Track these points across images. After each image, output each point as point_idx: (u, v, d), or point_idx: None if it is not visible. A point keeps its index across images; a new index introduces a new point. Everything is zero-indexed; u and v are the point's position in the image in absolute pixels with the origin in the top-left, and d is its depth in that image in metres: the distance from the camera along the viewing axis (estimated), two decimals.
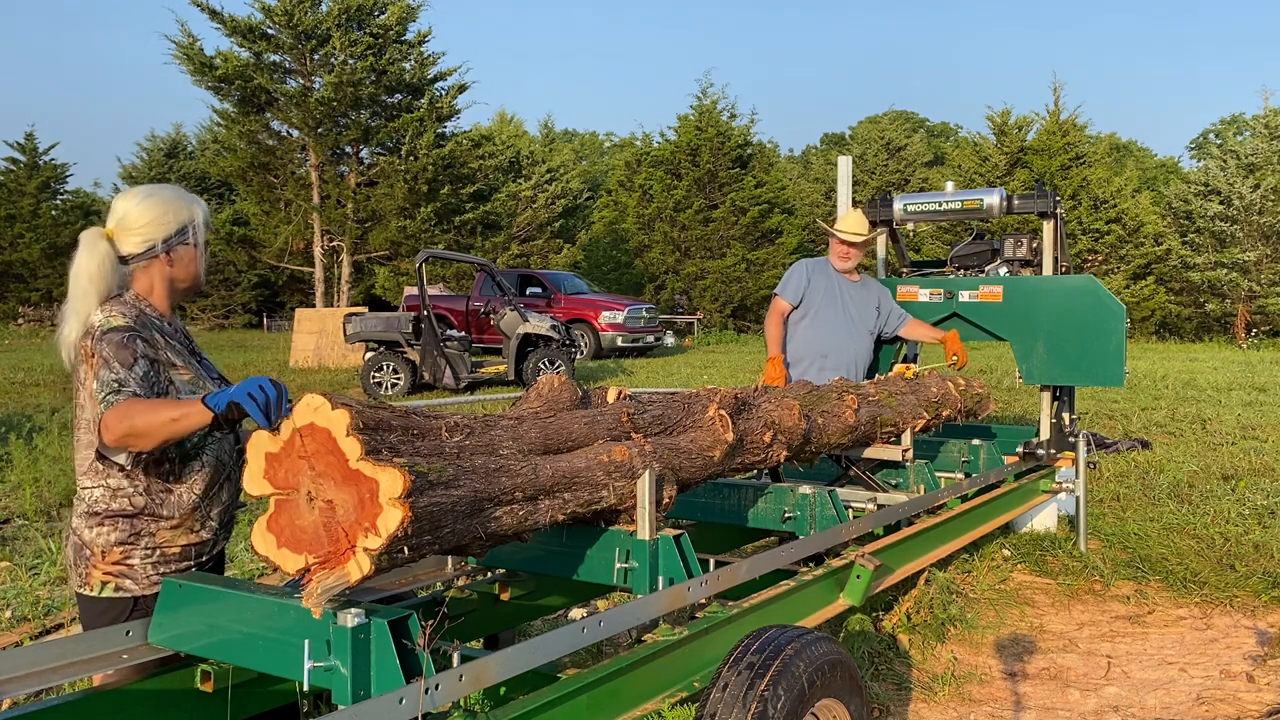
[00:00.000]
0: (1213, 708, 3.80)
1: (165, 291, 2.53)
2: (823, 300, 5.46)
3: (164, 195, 2.52)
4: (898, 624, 4.44)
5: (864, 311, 5.53)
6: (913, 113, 70.75)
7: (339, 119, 23.56)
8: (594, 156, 65.83)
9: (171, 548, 2.48)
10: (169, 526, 2.46)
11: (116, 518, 2.42)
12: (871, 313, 5.56)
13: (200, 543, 2.54)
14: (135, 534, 2.43)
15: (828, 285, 5.48)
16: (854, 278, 5.57)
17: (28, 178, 37.59)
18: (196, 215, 2.55)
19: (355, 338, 14.29)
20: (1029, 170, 30.74)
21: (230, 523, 2.67)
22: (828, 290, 5.47)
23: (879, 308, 5.58)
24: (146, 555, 2.44)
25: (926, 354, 6.74)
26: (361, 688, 2.04)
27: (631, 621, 2.63)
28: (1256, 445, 8.92)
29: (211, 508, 2.55)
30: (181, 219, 2.51)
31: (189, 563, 2.52)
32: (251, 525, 2.12)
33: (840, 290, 5.49)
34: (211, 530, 2.57)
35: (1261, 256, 28.78)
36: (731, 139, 32.79)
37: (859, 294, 5.54)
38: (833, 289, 5.48)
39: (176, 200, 2.53)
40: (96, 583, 2.43)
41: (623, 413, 2.92)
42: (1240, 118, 53.25)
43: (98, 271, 2.41)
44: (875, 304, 5.56)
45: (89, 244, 2.42)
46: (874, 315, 5.57)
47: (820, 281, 5.48)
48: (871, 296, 5.58)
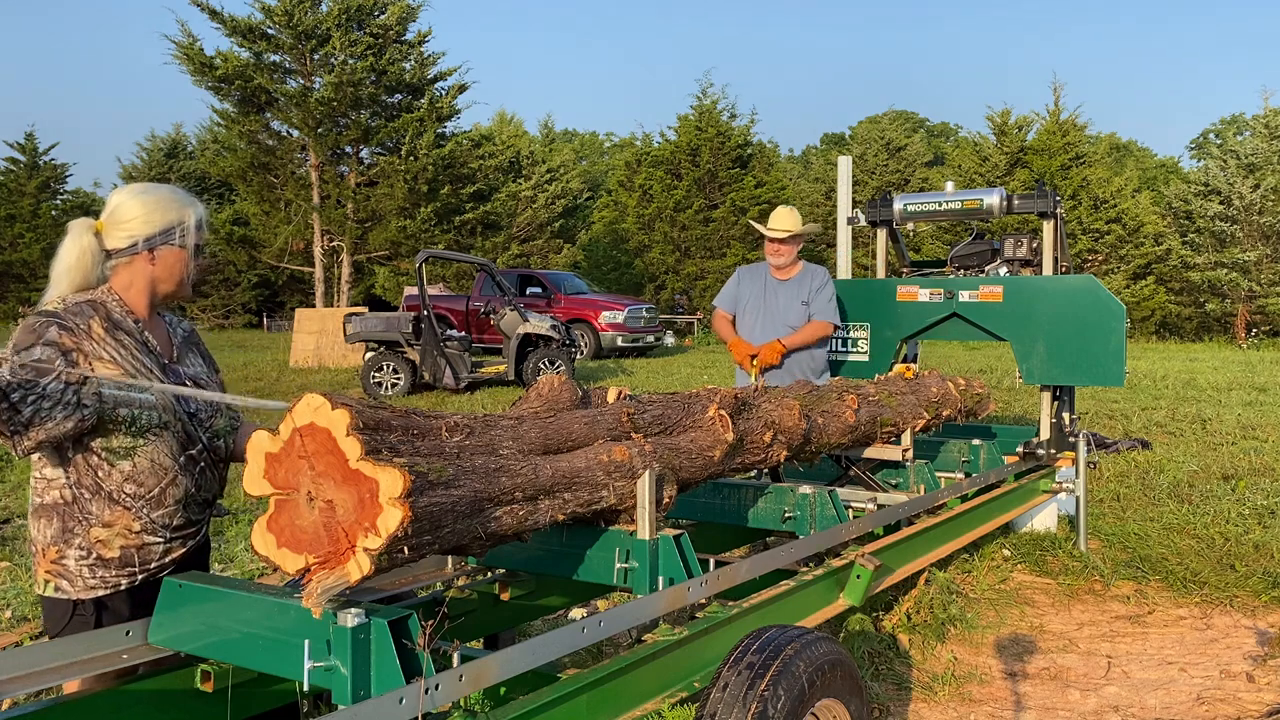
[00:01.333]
0: (1213, 708, 3.80)
1: (144, 291, 2.45)
2: (749, 303, 5.47)
3: (159, 194, 2.47)
4: (898, 624, 4.44)
5: (789, 307, 5.41)
6: (913, 113, 70.81)
7: (339, 119, 23.56)
8: (594, 156, 65.84)
9: (108, 550, 2.37)
10: (100, 525, 2.36)
11: (51, 512, 2.37)
12: (797, 307, 5.42)
13: (142, 546, 2.41)
14: (67, 530, 2.35)
15: (757, 288, 5.48)
16: (790, 273, 5.46)
17: (28, 178, 37.61)
18: (188, 218, 2.47)
19: (355, 338, 14.29)
20: (1029, 170, 30.75)
21: (194, 528, 2.54)
22: (755, 293, 5.47)
23: (808, 300, 5.41)
24: (81, 556, 2.36)
25: (927, 354, 6.75)
26: (361, 688, 2.04)
27: (631, 621, 2.63)
28: (1256, 445, 8.92)
29: (153, 509, 2.41)
30: (170, 219, 2.44)
31: (131, 569, 2.40)
32: (252, 525, 2.11)
33: (768, 290, 5.45)
34: (160, 535, 2.44)
35: (1261, 256, 28.78)
36: (731, 139, 32.80)
37: (789, 290, 5.43)
38: (760, 291, 5.46)
39: (170, 200, 2.47)
40: (41, 580, 2.41)
41: (623, 413, 2.92)
42: (1240, 118, 53.25)
43: (75, 263, 2.37)
44: (805, 297, 5.41)
45: (74, 234, 2.39)
46: (800, 309, 5.41)
47: (751, 285, 5.50)
48: (802, 290, 5.42)
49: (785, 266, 5.43)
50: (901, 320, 5.97)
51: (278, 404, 2.16)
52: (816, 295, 5.41)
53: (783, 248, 5.39)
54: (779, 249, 5.40)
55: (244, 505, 6.58)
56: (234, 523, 6.30)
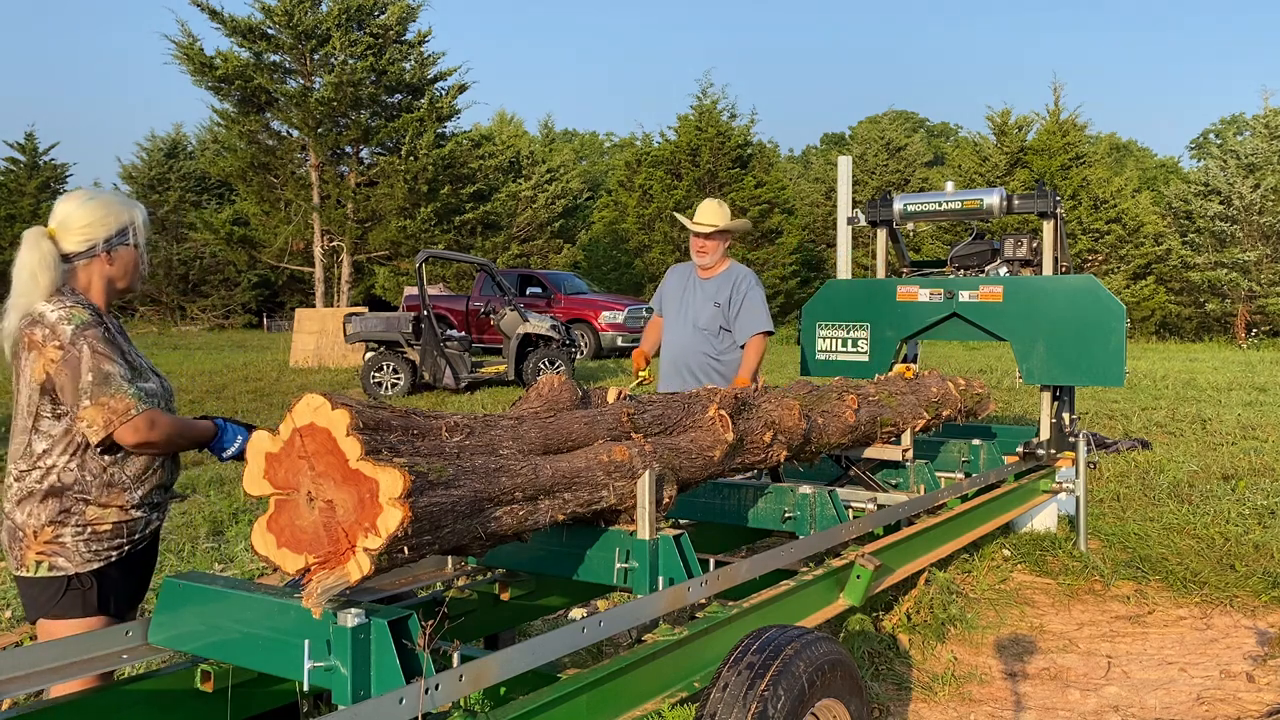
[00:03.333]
0: (1213, 708, 3.80)
1: (103, 289, 2.61)
2: (670, 304, 5.14)
3: (105, 198, 2.63)
4: (898, 624, 4.44)
5: (701, 307, 5.01)
6: (913, 113, 70.80)
7: (339, 119, 23.56)
8: (594, 156, 65.84)
9: (102, 525, 2.54)
10: (99, 504, 2.53)
11: (48, 497, 2.50)
12: (709, 309, 4.99)
13: (131, 520, 2.59)
14: (65, 511, 2.50)
15: (679, 288, 5.12)
16: (713, 272, 5.05)
17: (28, 178, 37.59)
18: (136, 217, 2.65)
19: (355, 338, 14.29)
20: (1029, 170, 30.74)
21: (163, 505, 2.74)
22: (675, 293, 5.13)
23: (727, 301, 4.96)
24: (78, 533, 2.52)
25: (927, 354, 6.75)
26: (361, 688, 2.04)
27: (631, 621, 2.63)
28: (1256, 445, 8.92)
29: (140, 488, 2.60)
30: (123, 220, 2.62)
31: (121, 540, 2.58)
32: (252, 525, 2.12)
33: (688, 289, 5.08)
34: (144, 510, 2.63)
35: (1261, 256, 28.77)
36: (731, 139, 32.79)
37: (706, 290, 5.04)
38: (680, 290, 5.11)
39: (117, 203, 2.64)
40: (31, 563, 2.50)
41: (623, 413, 2.92)
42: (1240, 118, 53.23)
43: (40, 265, 2.50)
44: (724, 297, 4.96)
45: (31, 241, 2.52)
46: (712, 311, 4.99)
47: (674, 285, 5.15)
48: (721, 290, 4.99)
49: (710, 265, 5.04)
50: (901, 320, 5.97)
51: None
52: (742, 302, 4.96)
53: (707, 244, 4.99)
54: (703, 245, 4.99)
55: (244, 505, 6.59)
56: (233, 523, 6.30)
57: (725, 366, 4.98)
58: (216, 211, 32.19)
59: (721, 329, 4.96)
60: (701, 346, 4.98)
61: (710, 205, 5.01)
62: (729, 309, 4.95)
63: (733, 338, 4.98)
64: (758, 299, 4.97)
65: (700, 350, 4.98)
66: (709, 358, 4.96)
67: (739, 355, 4.97)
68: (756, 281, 5.05)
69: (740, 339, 4.97)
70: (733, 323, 4.96)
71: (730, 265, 5.08)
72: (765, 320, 4.96)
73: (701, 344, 4.98)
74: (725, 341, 5.00)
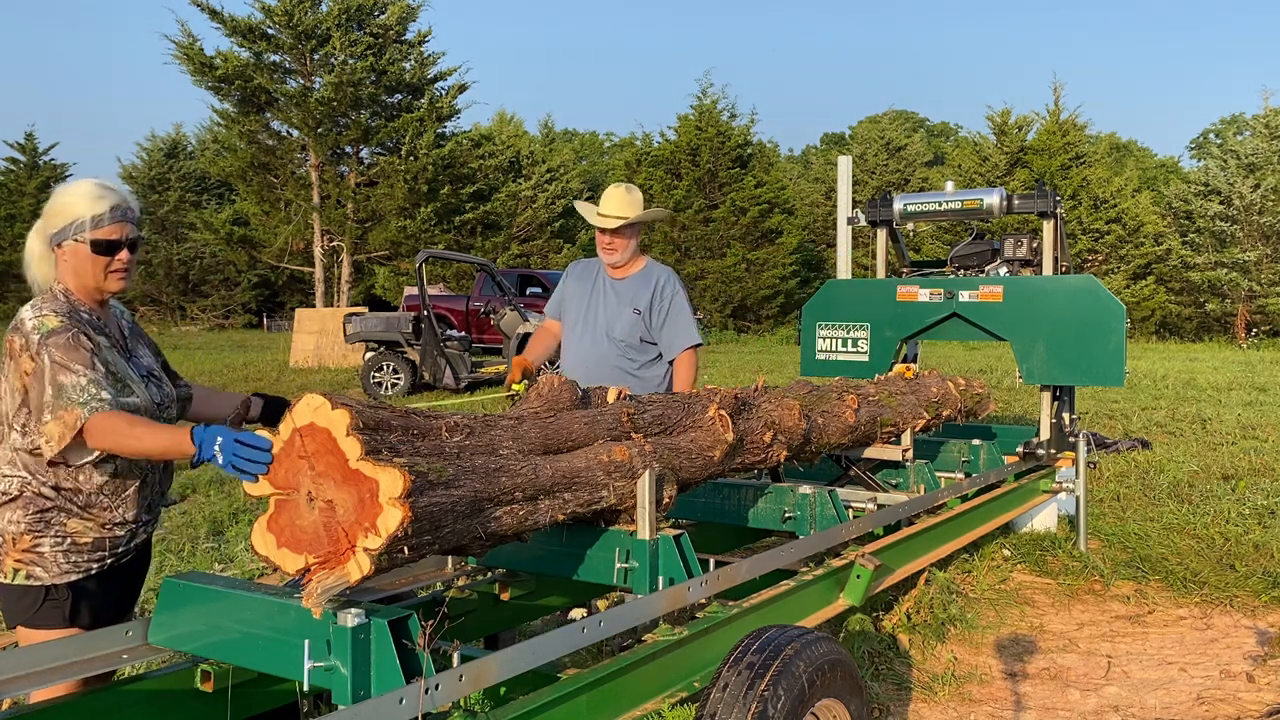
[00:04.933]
0: (1213, 708, 3.80)
1: (78, 287, 2.50)
2: (574, 308, 4.36)
3: (69, 187, 2.50)
4: (898, 624, 4.44)
5: (617, 315, 4.24)
6: (913, 113, 70.83)
7: (339, 119, 23.58)
8: (594, 156, 65.82)
9: (83, 538, 2.47)
10: (79, 517, 2.46)
11: (26, 505, 2.44)
12: (627, 315, 4.21)
13: (113, 536, 2.52)
14: (44, 522, 2.43)
15: (584, 289, 4.34)
16: (627, 272, 4.29)
17: (28, 178, 37.62)
18: (87, 214, 2.44)
19: (355, 338, 14.29)
20: (1029, 170, 30.76)
21: (153, 516, 2.65)
22: (582, 296, 4.34)
23: (647, 306, 4.21)
24: (56, 544, 2.44)
25: (927, 354, 6.74)
26: (361, 688, 2.04)
27: (631, 621, 2.64)
28: (1256, 445, 8.92)
29: (123, 504, 2.52)
30: (74, 213, 2.45)
31: (103, 553, 2.51)
32: (252, 525, 2.12)
33: (596, 292, 4.31)
34: (127, 525, 2.55)
35: (1261, 256, 28.79)
36: (731, 139, 32.80)
37: (621, 293, 4.26)
38: (587, 293, 4.32)
39: (77, 194, 2.48)
40: (9, 569, 2.45)
41: (623, 413, 2.92)
42: (1240, 118, 53.23)
43: (41, 256, 2.48)
44: (644, 302, 4.21)
45: (34, 229, 2.51)
46: (629, 316, 4.21)
47: (578, 287, 4.36)
48: (640, 295, 4.23)
49: (622, 264, 4.26)
50: (901, 320, 5.97)
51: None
52: (667, 311, 4.23)
53: (616, 240, 4.18)
54: (611, 242, 4.18)
55: (244, 505, 6.59)
56: (233, 523, 6.30)
57: (645, 383, 4.24)
58: (216, 211, 32.21)
59: (642, 340, 4.23)
60: (616, 360, 4.22)
61: (617, 193, 4.20)
62: (651, 317, 4.22)
63: (656, 350, 4.27)
64: (685, 307, 4.27)
65: (615, 364, 4.22)
66: (627, 373, 4.21)
67: (662, 370, 4.29)
68: (680, 284, 4.34)
69: (669, 354, 4.27)
70: (657, 334, 4.24)
71: (647, 264, 4.33)
72: (693, 332, 4.28)
73: (617, 357, 4.22)
74: (647, 354, 4.27)
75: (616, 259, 4.22)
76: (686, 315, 4.27)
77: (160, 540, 5.83)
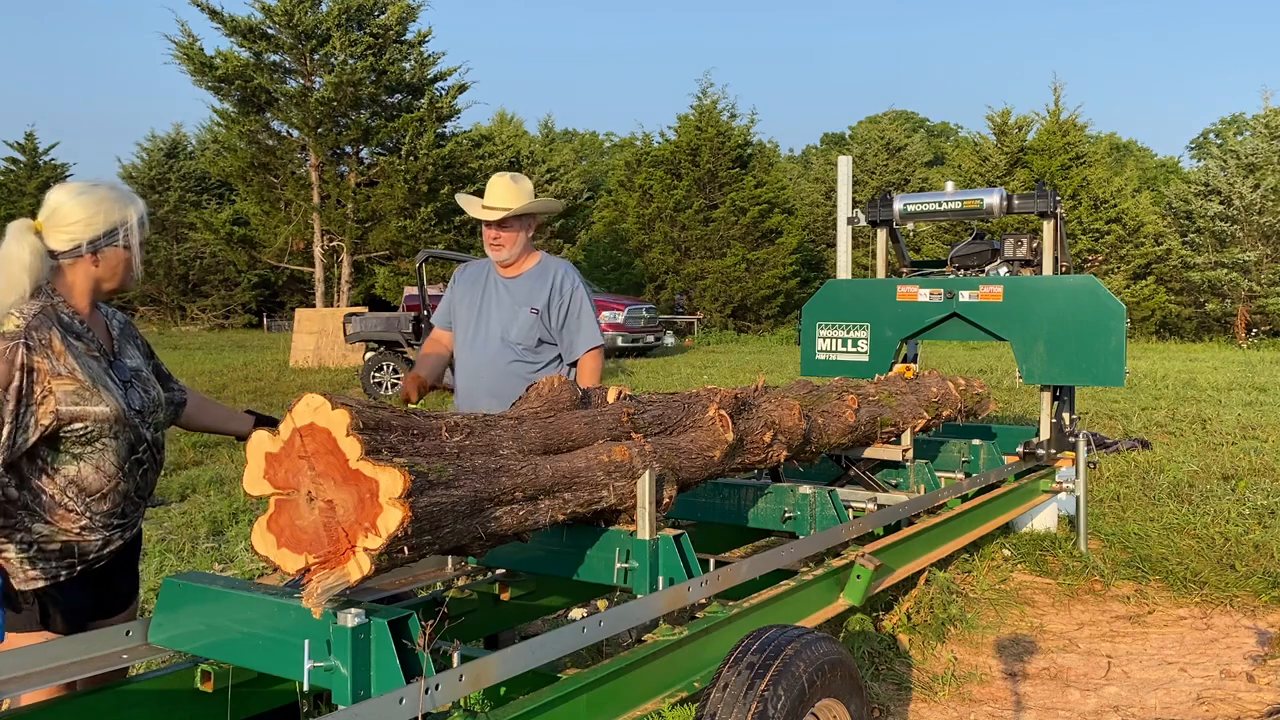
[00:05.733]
0: (1213, 708, 3.80)
1: (88, 290, 2.45)
2: (464, 313, 3.95)
3: (98, 194, 2.43)
4: (898, 624, 4.44)
5: (512, 317, 3.82)
6: (913, 113, 70.84)
7: (339, 119, 23.58)
8: (594, 156, 65.82)
9: (50, 544, 2.39)
10: (43, 521, 2.38)
11: None
12: (524, 316, 3.80)
13: (83, 541, 2.43)
14: (11, 526, 2.36)
15: (474, 293, 3.93)
16: (519, 269, 3.87)
17: (28, 178, 37.62)
18: (130, 217, 2.45)
19: (355, 338, 14.29)
20: (1029, 170, 30.76)
21: (130, 521, 2.57)
22: (470, 300, 3.92)
23: (545, 305, 3.81)
24: (23, 550, 2.37)
25: (927, 354, 6.74)
26: (361, 688, 2.04)
27: (631, 621, 2.64)
28: (1256, 445, 8.92)
29: (90, 512, 2.44)
30: (113, 220, 2.42)
31: (72, 560, 2.43)
32: (252, 525, 2.12)
33: (487, 295, 3.90)
34: (102, 530, 2.47)
35: (1261, 256, 28.79)
36: (731, 139, 32.81)
37: (515, 293, 3.85)
38: (477, 296, 3.91)
39: (111, 199, 2.44)
40: None
41: (623, 413, 2.92)
42: (1240, 118, 53.29)
43: (30, 261, 2.35)
44: (541, 301, 3.81)
45: (16, 235, 2.36)
46: (526, 316, 3.79)
47: (467, 291, 3.95)
48: (537, 293, 3.83)
49: (512, 261, 3.84)
50: (901, 320, 5.97)
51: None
52: (567, 309, 3.84)
53: (503, 234, 3.76)
54: (497, 236, 3.77)
55: (244, 505, 6.59)
56: (233, 523, 6.30)
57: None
58: (216, 211, 32.22)
59: (541, 342, 3.82)
60: (511, 367, 3.81)
61: (501, 183, 3.76)
62: (550, 316, 3.82)
63: (555, 351, 3.87)
64: (587, 304, 3.89)
65: (510, 371, 3.80)
66: (524, 379, 3.72)
67: (566, 374, 3.87)
68: (581, 278, 3.94)
69: (570, 356, 3.87)
70: (557, 334, 3.84)
71: (542, 259, 3.93)
72: (596, 332, 3.90)
73: (512, 361, 3.82)
74: (545, 356, 3.87)
75: (504, 255, 3.80)
76: (589, 313, 3.88)
77: (160, 540, 5.83)
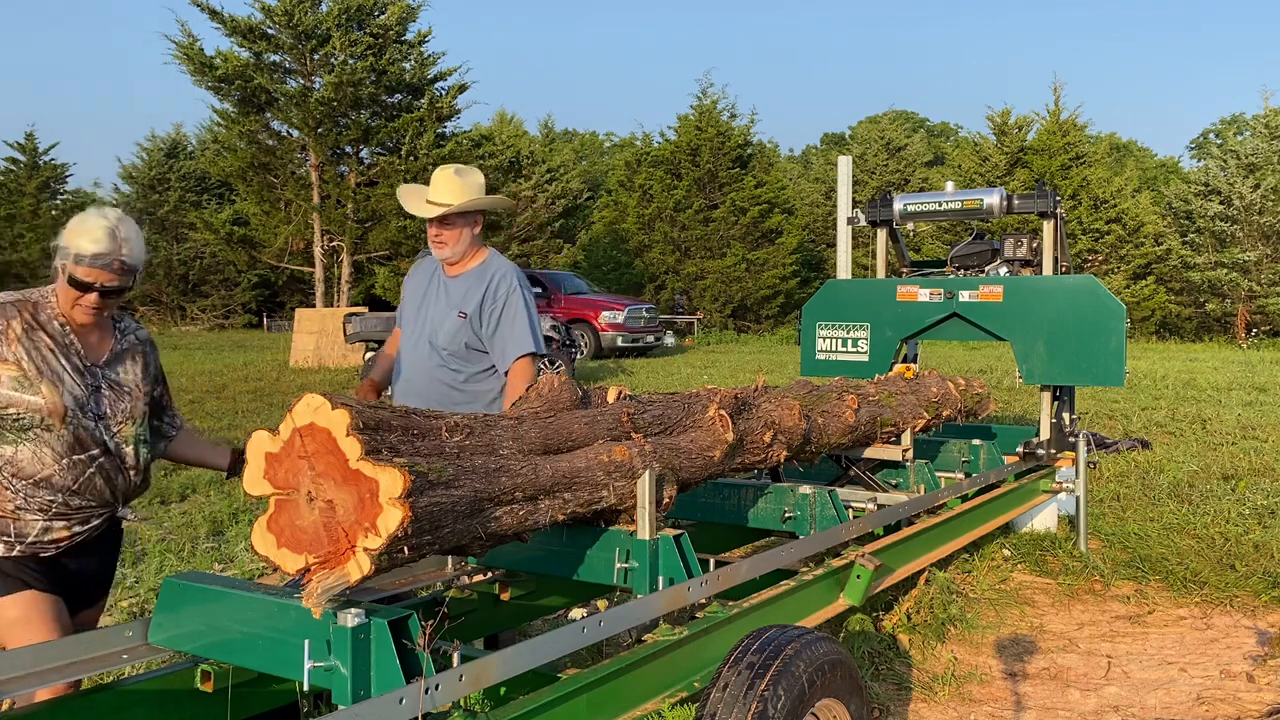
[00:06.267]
0: (1213, 708, 3.80)
1: (68, 297, 2.61)
2: (407, 312, 3.76)
3: (87, 216, 2.63)
4: (898, 624, 4.44)
5: (442, 320, 3.59)
6: (913, 113, 70.80)
7: (339, 119, 23.56)
8: (594, 156, 65.81)
9: None
10: None
11: None
12: (452, 320, 3.56)
13: (19, 522, 2.55)
14: None
15: (419, 291, 3.73)
16: (463, 268, 3.64)
17: (28, 178, 37.61)
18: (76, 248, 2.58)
19: (355, 338, 14.29)
20: (1029, 170, 30.76)
21: (81, 520, 2.63)
22: (415, 298, 3.73)
23: (477, 309, 3.55)
24: None
25: (927, 354, 6.74)
26: (361, 688, 2.04)
27: (631, 621, 2.64)
28: (1256, 445, 8.92)
29: (27, 493, 2.55)
30: (70, 241, 2.58)
31: (7, 537, 2.55)
32: (252, 525, 2.12)
33: (429, 294, 3.68)
34: (37, 515, 2.57)
35: (1261, 256, 28.79)
36: (731, 139, 32.81)
37: (452, 293, 3.62)
38: (420, 293, 3.71)
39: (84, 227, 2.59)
40: None
41: (623, 413, 2.92)
42: (1240, 118, 53.27)
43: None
44: (472, 305, 3.56)
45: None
46: (455, 324, 3.56)
47: (415, 288, 3.75)
48: (470, 296, 3.57)
49: (457, 259, 3.62)
50: (901, 320, 5.97)
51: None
52: (500, 313, 3.55)
53: (445, 232, 3.55)
54: (439, 234, 3.56)
55: (244, 505, 6.59)
56: (233, 523, 6.30)
57: (473, 398, 3.58)
58: (216, 211, 32.20)
59: (470, 348, 3.57)
60: (437, 373, 3.57)
61: (444, 176, 3.53)
62: (481, 322, 3.55)
63: (488, 359, 3.61)
64: (520, 307, 3.57)
65: (436, 377, 3.56)
66: (450, 388, 3.55)
67: (497, 384, 3.61)
68: (520, 282, 3.62)
69: (501, 364, 3.58)
70: (488, 341, 3.57)
71: (486, 259, 3.66)
72: (529, 338, 3.56)
73: (438, 368, 3.58)
74: (476, 364, 3.60)
75: (447, 254, 3.58)
76: (523, 319, 3.57)
77: (160, 540, 5.83)
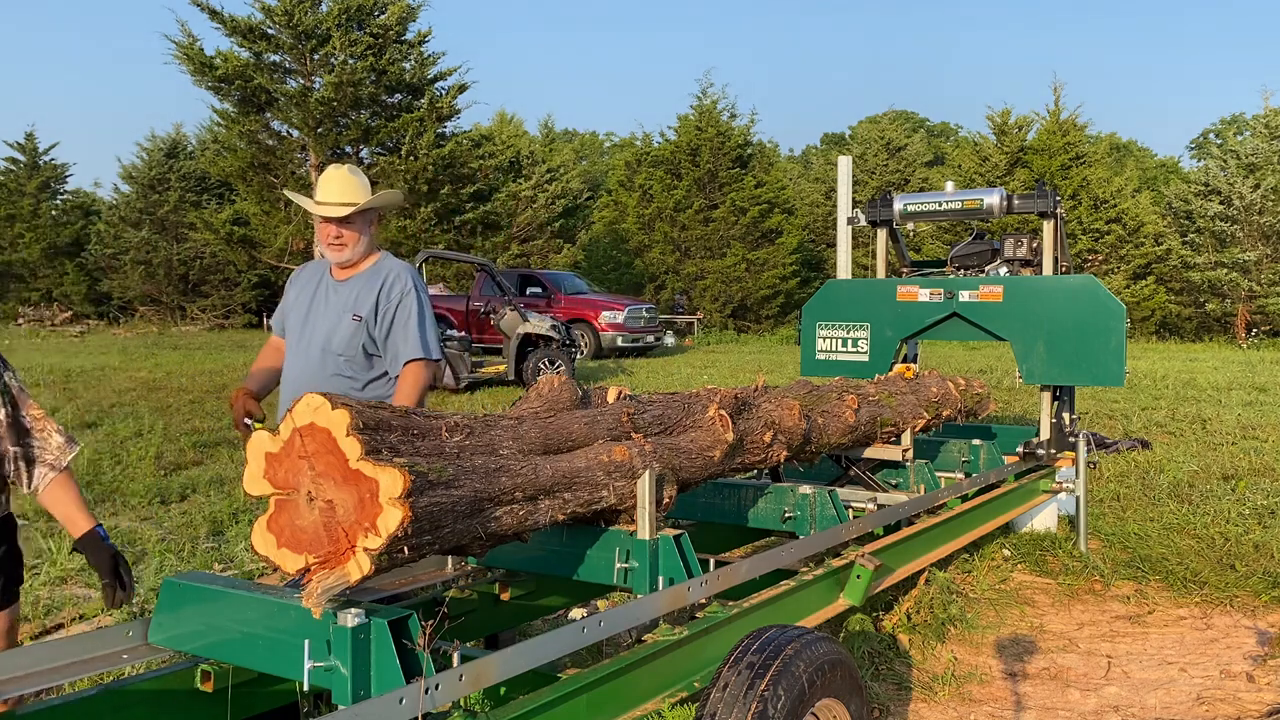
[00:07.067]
0: (1213, 708, 3.80)
1: None
2: (292, 319, 3.62)
3: None
4: (898, 624, 4.44)
5: (335, 325, 3.46)
6: (913, 113, 70.80)
7: (339, 119, 23.57)
8: (594, 156, 65.83)
9: None
10: None
11: None
12: (345, 324, 3.44)
13: None
14: None
15: (305, 297, 3.58)
16: (356, 270, 3.51)
17: (28, 178, 37.63)
18: None
19: None
20: (1029, 170, 30.75)
21: None
22: (301, 304, 3.59)
23: (372, 311, 3.43)
24: None
25: (927, 354, 6.74)
26: (361, 688, 2.04)
27: (631, 621, 2.64)
28: (1256, 445, 8.92)
29: None
30: None
31: None
32: (252, 525, 2.12)
33: (318, 298, 3.55)
34: None
35: (1261, 256, 28.78)
36: (731, 139, 32.80)
37: (344, 296, 3.49)
38: (307, 299, 3.57)
39: None
40: None
41: (623, 413, 2.92)
42: (1240, 118, 53.28)
43: None
44: (367, 307, 3.43)
45: None
46: (348, 328, 3.43)
47: (299, 294, 3.61)
48: (364, 298, 3.45)
49: (351, 261, 3.49)
50: (901, 320, 5.97)
51: None
52: (394, 314, 3.44)
53: (345, 232, 3.41)
54: (339, 234, 3.41)
55: (244, 505, 6.58)
56: (233, 523, 6.30)
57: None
58: (216, 211, 32.17)
59: (367, 353, 3.47)
60: (334, 379, 3.44)
61: (338, 176, 3.42)
62: (376, 323, 3.44)
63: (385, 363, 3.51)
64: (414, 309, 3.46)
65: (331, 383, 3.41)
66: (347, 392, 3.24)
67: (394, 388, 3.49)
68: (415, 283, 3.51)
69: (393, 368, 3.48)
70: (382, 345, 3.47)
71: (379, 260, 3.55)
72: (420, 342, 3.45)
73: (333, 375, 3.44)
74: (374, 369, 3.51)
75: (347, 255, 3.45)
76: (418, 322, 3.45)
77: (160, 540, 5.83)
